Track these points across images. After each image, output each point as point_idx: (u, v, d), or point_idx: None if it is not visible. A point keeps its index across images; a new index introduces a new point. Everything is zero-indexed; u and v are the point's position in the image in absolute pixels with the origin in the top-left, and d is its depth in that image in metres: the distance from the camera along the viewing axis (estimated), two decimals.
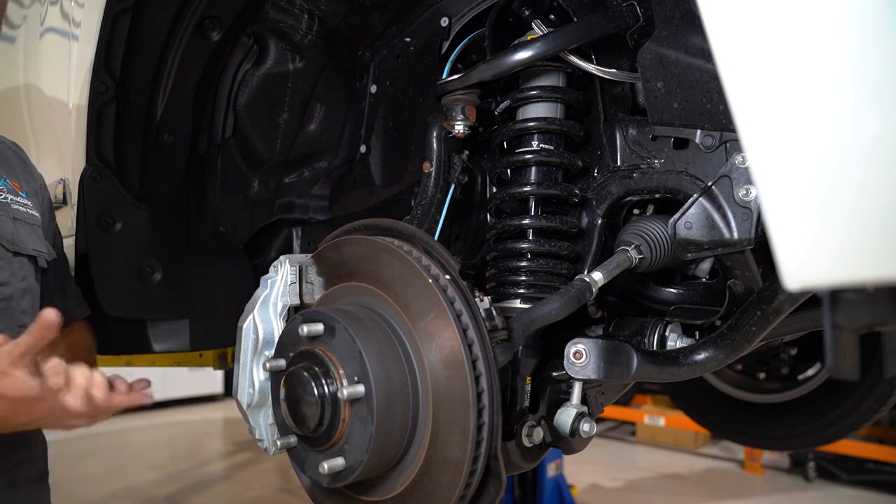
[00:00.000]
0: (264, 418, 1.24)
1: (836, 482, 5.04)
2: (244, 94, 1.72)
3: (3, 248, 1.23)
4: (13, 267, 1.25)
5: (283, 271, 1.24)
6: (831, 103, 0.56)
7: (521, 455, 1.17)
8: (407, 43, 1.62)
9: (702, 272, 1.38)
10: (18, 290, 1.25)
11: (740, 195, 1.04)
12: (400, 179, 1.80)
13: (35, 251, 1.30)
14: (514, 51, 1.26)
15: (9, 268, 1.24)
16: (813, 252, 0.58)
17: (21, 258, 1.27)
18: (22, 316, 1.26)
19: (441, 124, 1.40)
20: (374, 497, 1.10)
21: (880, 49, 0.54)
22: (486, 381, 0.98)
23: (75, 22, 1.58)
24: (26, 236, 1.29)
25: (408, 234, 1.12)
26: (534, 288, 1.29)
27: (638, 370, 1.13)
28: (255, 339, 1.22)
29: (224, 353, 2.87)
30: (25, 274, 1.28)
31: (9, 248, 1.24)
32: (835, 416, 2.44)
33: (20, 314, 1.26)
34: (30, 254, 1.29)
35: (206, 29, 1.57)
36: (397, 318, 1.06)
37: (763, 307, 1.06)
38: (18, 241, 1.26)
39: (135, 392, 1.11)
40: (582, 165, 1.31)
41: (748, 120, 0.61)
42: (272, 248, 2.10)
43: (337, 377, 1.02)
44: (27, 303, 1.28)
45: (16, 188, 1.33)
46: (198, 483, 5.03)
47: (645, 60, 1.11)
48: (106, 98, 1.55)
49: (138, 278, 1.84)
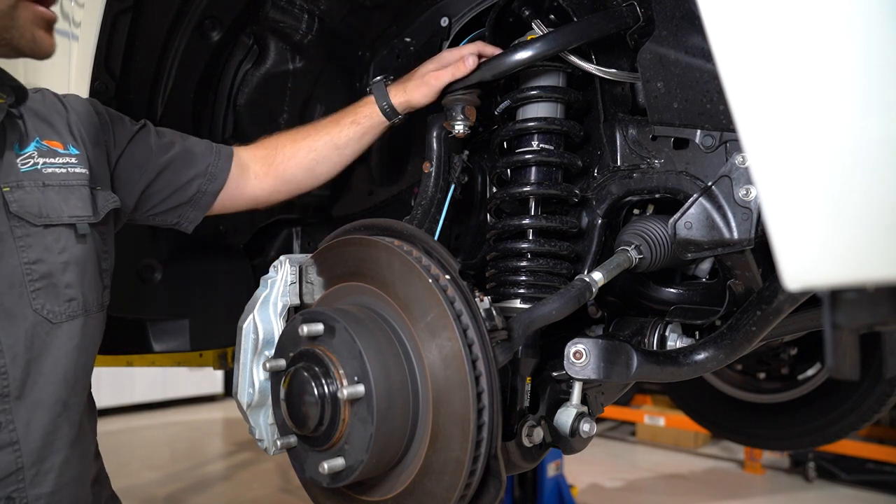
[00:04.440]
0: (264, 418, 1.24)
1: (836, 482, 5.04)
2: (244, 94, 1.72)
3: (28, 223, 1.14)
4: (45, 241, 1.16)
5: (283, 271, 1.24)
6: (831, 104, 0.56)
7: (521, 455, 1.17)
8: (407, 43, 1.62)
9: (702, 272, 1.38)
10: (58, 265, 1.16)
11: (740, 195, 1.04)
12: (400, 179, 1.80)
13: (72, 217, 1.19)
14: (514, 51, 1.27)
15: (40, 243, 1.15)
16: (813, 252, 0.58)
17: (56, 229, 1.17)
18: (67, 290, 1.17)
19: (441, 124, 1.40)
20: (374, 497, 1.10)
21: (884, 48, 0.54)
22: (486, 381, 0.98)
23: (75, 22, 1.58)
24: (60, 203, 1.18)
25: (408, 234, 1.12)
26: (534, 288, 1.29)
27: (638, 370, 1.13)
28: (255, 339, 1.22)
29: (224, 353, 2.88)
30: (64, 245, 1.17)
31: (35, 223, 1.15)
32: (835, 416, 2.44)
33: (65, 288, 1.17)
34: (65, 223, 1.18)
35: (206, 29, 1.57)
36: (397, 318, 1.06)
37: (763, 307, 1.06)
38: (49, 211, 1.17)
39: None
40: (582, 165, 1.31)
41: (748, 120, 0.61)
42: (272, 248, 2.10)
43: (337, 377, 1.02)
44: (73, 275, 1.18)
45: (54, 147, 1.22)
46: (198, 483, 5.03)
47: (645, 60, 1.11)
48: (106, 98, 1.55)
49: (138, 278, 1.84)
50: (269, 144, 1.48)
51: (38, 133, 1.21)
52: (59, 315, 1.16)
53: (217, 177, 1.41)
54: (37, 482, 1.15)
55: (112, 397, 7.03)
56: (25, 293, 1.12)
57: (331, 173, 1.49)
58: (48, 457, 1.16)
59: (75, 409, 1.21)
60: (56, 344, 1.16)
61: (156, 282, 1.86)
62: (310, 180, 1.49)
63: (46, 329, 1.15)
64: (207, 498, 4.71)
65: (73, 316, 1.19)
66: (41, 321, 1.14)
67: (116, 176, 1.33)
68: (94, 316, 1.24)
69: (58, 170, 1.20)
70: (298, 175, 1.46)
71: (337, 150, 1.45)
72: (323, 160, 1.45)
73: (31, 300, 1.13)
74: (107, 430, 6.53)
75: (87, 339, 1.22)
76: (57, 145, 1.22)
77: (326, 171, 1.48)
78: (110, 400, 7.01)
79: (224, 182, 1.41)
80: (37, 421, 1.14)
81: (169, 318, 1.95)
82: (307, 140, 1.45)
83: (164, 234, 1.84)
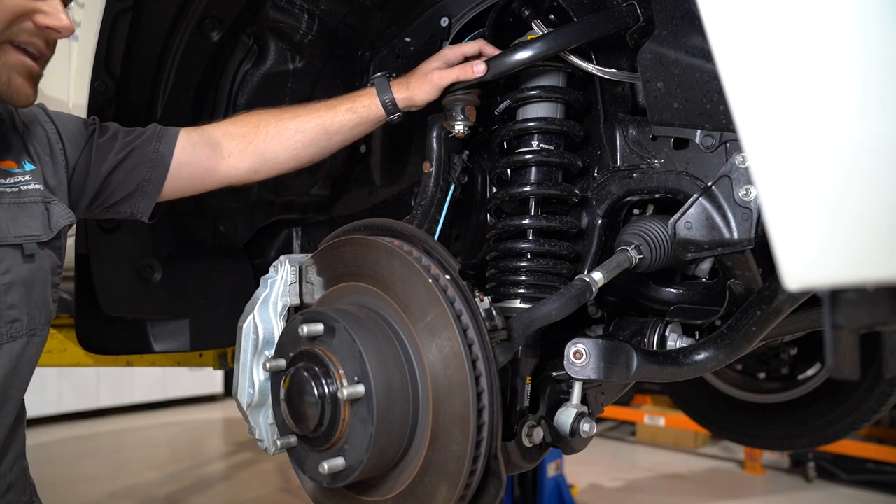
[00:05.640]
0: (264, 418, 1.24)
1: (836, 482, 5.04)
2: (244, 94, 1.71)
3: None
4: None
5: (283, 271, 1.24)
6: (831, 103, 0.56)
7: (521, 455, 1.17)
8: (407, 43, 1.62)
9: (702, 272, 1.38)
10: (1, 286, 1.14)
11: (740, 195, 1.04)
12: (400, 179, 1.80)
13: (19, 237, 1.16)
14: (514, 51, 1.27)
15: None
16: (813, 252, 0.58)
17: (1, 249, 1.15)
18: (10, 311, 1.14)
19: (441, 124, 1.40)
20: (374, 497, 1.10)
21: (884, 48, 0.54)
22: (486, 381, 0.98)
23: (75, 22, 1.58)
24: (7, 223, 1.15)
25: (408, 234, 1.12)
26: (534, 288, 1.29)
27: (638, 370, 1.13)
28: (255, 339, 1.22)
29: (224, 353, 2.88)
30: (8, 266, 1.14)
31: None
32: (835, 416, 2.44)
33: (7, 309, 1.14)
34: (10, 243, 1.15)
35: (206, 29, 1.57)
36: (397, 318, 1.06)
37: (763, 307, 1.06)
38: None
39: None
40: (582, 165, 1.32)
41: (748, 120, 0.61)
42: (272, 248, 2.10)
43: (337, 377, 1.02)
44: (16, 296, 1.15)
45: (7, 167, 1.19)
46: (198, 483, 5.03)
47: (645, 60, 1.11)
48: (106, 98, 1.55)
49: (138, 278, 1.84)
50: (248, 121, 1.42)
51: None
52: (0, 337, 1.14)
53: (158, 163, 1.34)
54: None
55: (112, 397, 7.03)
56: None
57: (314, 158, 1.44)
58: None
59: (2, 429, 1.18)
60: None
61: (156, 282, 1.86)
62: (292, 162, 1.42)
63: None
64: (207, 498, 4.71)
65: (14, 337, 1.16)
66: None
67: (73, 184, 1.30)
68: (39, 334, 1.22)
69: (8, 189, 1.18)
70: (281, 155, 1.40)
71: (326, 135, 1.40)
72: (310, 143, 1.40)
73: None
74: (107, 430, 6.54)
75: (26, 358, 1.20)
76: (10, 165, 1.20)
77: (311, 155, 1.43)
78: (110, 400, 7.01)
79: (168, 166, 1.35)
80: None
81: (169, 318, 1.95)
82: (296, 120, 1.40)
83: (164, 234, 1.84)
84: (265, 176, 1.45)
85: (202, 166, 1.38)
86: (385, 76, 1.40)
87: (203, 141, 1.39)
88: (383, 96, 1.37)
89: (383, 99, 1.37)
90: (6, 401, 1.18)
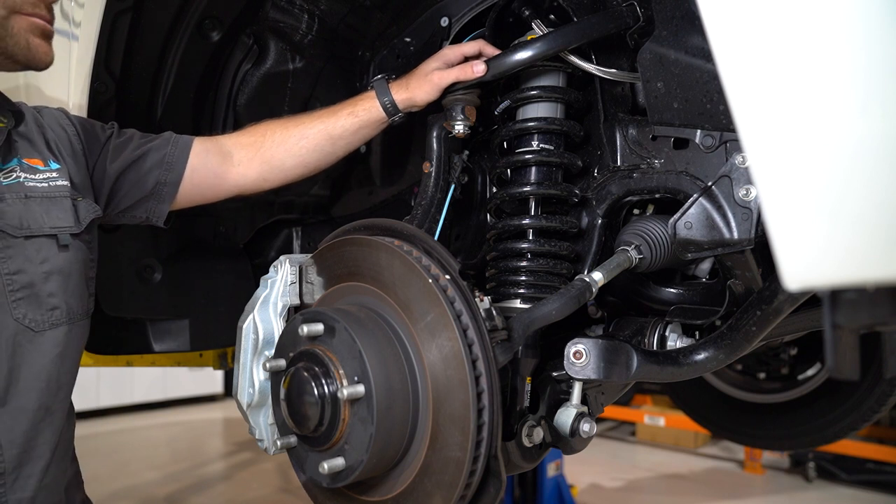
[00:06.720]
0: (264, 418, 1.24)
1: (836, 482, 5.03)
2: (244, 94, 1.72)
3: (9, 235, 1.16)
4: (26, 252, 1.17)
5: (283, 271, 1.24)
6: (831, 104, 0.56)
7: (521, 455, 1.17)
8: (407, 43, 1.62)
9: (702, 272, 1.38)
10: (39, 275, 1.18)
11: (740, 195, 1.04)
12: (400, 179, 1.81)
13: (53, 228, 1.21)
14: (514, 51, 1.27)
15: (21, 254, 1.17)
16: (813, 252, 0.58)
17: (37, 240, 1.19)
18: (50, 299, 1.19)
19: (441, 124, 1.40)
20: (374, 497, 1.10)
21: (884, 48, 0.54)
22: (486, 381, 0.98)
23: (75, 22, 1.58)
24: (41, 214, 1.20)
25: (408, 234, 1.12)
26: (534, 288, 1.29)
27: (638, 370, 1.13)
28: (255, 339, 1.23)
29: (224, 353, 2.88)
30: (46, 256, 1.19)
31: (15, 235, 1.17)
32: (835, 416, 2.44)
33: (47, 297, 1.19)
34: (46, 233, 1.20)
35: (206, 29, 1.57)
36: (397, 318, 1.06)
37: (763, 307, 1.06)
38: (30, 222, 1.19)
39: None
40: (582, 165, 1.32)
41: (748, 120, 0.61)
42: (272, 248, 2.10)
43: (337, 377, 1.02)
44: (55, 285, 1.20)
45: (34, 165, 1.24)
46: (198, 483, 5.03)
47: (645, 60, 1.11)
48: (106, 98, 1.56)
49: (138, 278, 1.84)
50: (256, 131, 1.45)
51: (20, 151, 1.24)
52: (42, 324, 1.18)
53: (174, 166, 1.38)
54: (17, 487, 1.15)
55: (112, 397, 7.03)
56: (6, 303, 1.14)
57: (321, 164, 1.46)
58: (29, 462, 1.17)
59: (57, 414, 1.22)
60: (39, 352, 1.17)
61: (156, 282, 1.86)
62: (299, 169, 1.45)
63: (29, 338, 1.16)
64: (207, 498, 4.71)
65: (56, 324, 1.20)
66: (23, 330, 1.15)
67: (93, 183, 1.34)
68: (79, 323, 1.25)
69: (39, 184, 1.23)
70: (287, 162, 1.43)
71: (330, 140, 1.42)
72: (314, 149, 1.43)
73: (12, 310, 1.14)
74: (107, 430, 6.53)
75: (70, 346, 1.23)
76: (37, 163, 1.25)
77: (316, 161, 1.45)
78: (110, 400, 7.01)
79: (183, 170, 1.38)
80: (19, 427, 1.15)
81: (169, 318, 1.95)
82: (300, 127, 1.43)
83: (164, 234, 1.84)
84: (274, 184, 1.48)
85: (213, 172, 1.41)
86: (384, 78, 1.41)
87: (215, 149, 1.42)
88: (383, 98, 1.38)
89: (383, 101, 1.38)
90: (59, 388, 1.21)
